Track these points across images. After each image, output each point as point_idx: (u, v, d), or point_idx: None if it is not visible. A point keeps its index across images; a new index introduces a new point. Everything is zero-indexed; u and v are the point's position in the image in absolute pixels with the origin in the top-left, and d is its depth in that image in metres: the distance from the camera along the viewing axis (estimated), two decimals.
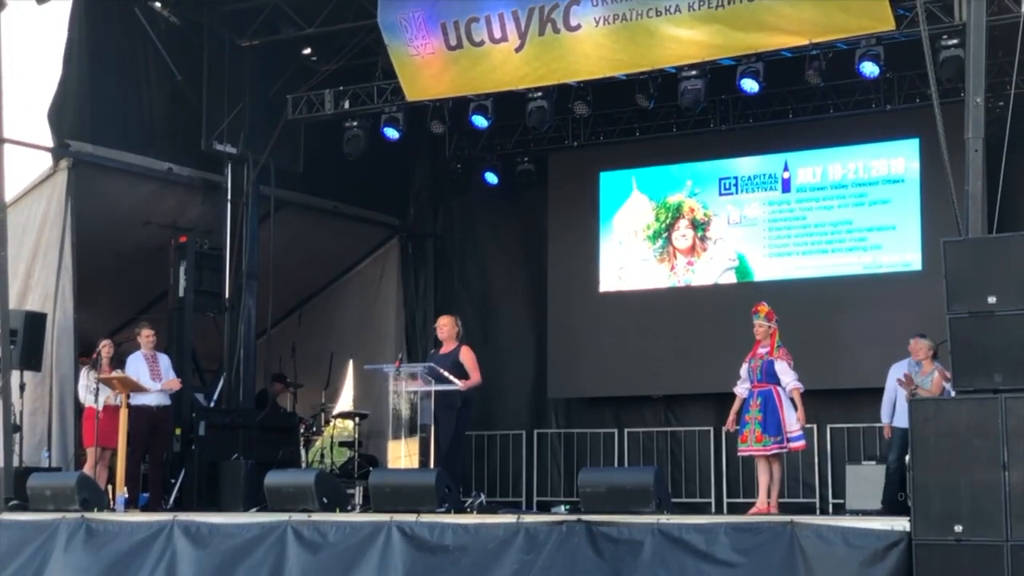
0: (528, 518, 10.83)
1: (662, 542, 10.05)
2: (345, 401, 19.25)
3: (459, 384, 12.32)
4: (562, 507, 14.44)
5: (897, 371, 13.77)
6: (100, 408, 13.67)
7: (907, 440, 13.28)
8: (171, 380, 14.28)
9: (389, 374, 12.52)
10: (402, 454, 12.41)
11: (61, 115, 15.03)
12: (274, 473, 12.54)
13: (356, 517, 11.58)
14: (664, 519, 10.24)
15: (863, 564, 9.44)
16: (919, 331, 13.65)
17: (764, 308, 12.56)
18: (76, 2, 15.08)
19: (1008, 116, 11.02)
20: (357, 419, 17.40)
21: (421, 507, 11.17)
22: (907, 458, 13.19)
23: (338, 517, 11.53)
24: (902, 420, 13.64)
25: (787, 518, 9.94)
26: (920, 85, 15.23)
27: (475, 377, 12.67)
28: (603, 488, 10.88)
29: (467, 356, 12.71)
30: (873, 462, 14.53)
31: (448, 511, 11.20)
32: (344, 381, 19.27)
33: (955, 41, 13.01)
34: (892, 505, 13.58)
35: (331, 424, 18.41)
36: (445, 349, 12.86)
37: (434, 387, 12.26)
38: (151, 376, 14.17)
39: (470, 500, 12.31)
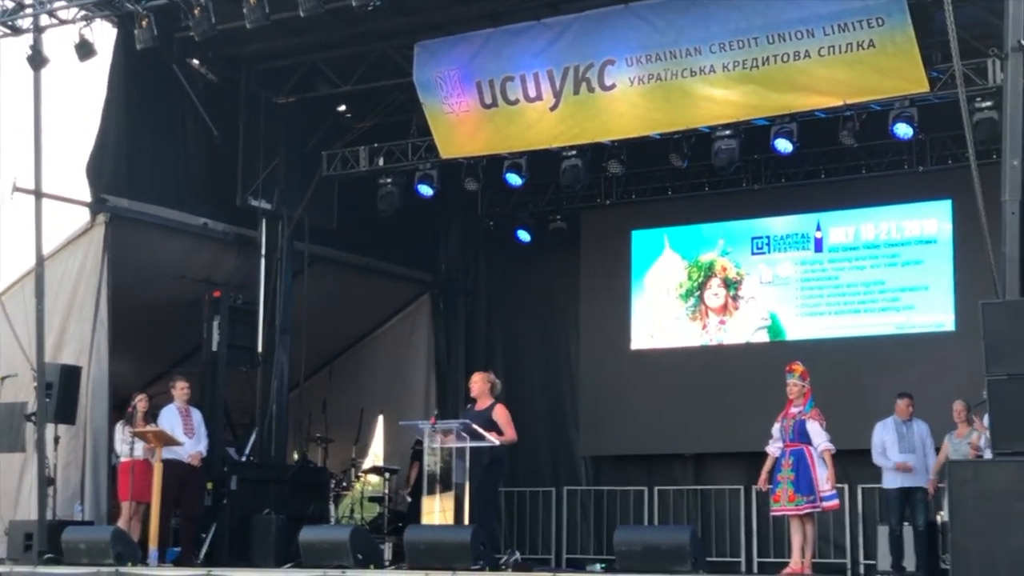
0: None
1: None
2: (375, 456, 19.25)
3: (495, 440, 12.31)
4: (597, 565, 14.42)
5: (883, 430, 13.84)
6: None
7: (904, 502, 13.52)
8: (194, 454, 14.22)
9: (424, 431, 12.53)
10: (436, 509, 12.38)
11: (99, 170, 15.17)
12: (308, 529, 12.55)
13: (391, 574, 11.58)
14: None
15: None
16: (951, 392, 13.65)
17: (799, 368, 12.55)
18: (116, 59, 15.23)
19: None
20: (387, 475, 17.41)
21: (456, 564, 11.15)
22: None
23: (373, 573, 11.52)
24: (895, 480, 13.65)
25: None
26: (952, 147, 15.29)
27: (509, 434, 12.66)
28: (639, 547, 10.88)
29: (501, 413, 12.70)
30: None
31: (483, 568, 11.18)
32: (373, 436, 19.28)
33: (989, 103, 13.08)
34: (897, 571, 13.59)
35: (360, 479, 18.42)
36: (480, 406, 12.86)
37: (469, 443, 12.26)
38: (184, 430, 14.18)
39: (505, 557, 12.29)
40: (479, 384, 13.07)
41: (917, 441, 13.68)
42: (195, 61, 16.13)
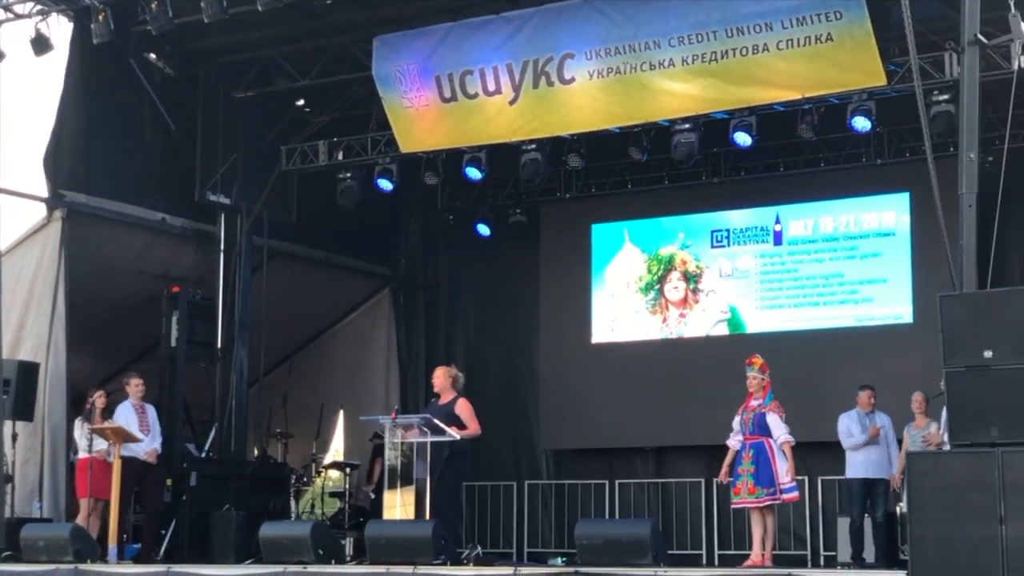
0: (525, 570, 10.84)
1: None
2: (335, 451, 19.22)
3: (455, 434, 12.30)
4: (558, 559, 14.43)
5: (846, 420, 13.91)
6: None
7: (867, 493, 13.60)
8: (150, 451, 14.16)
9: (385, 425, 12.51)
10: (397, 504, 12.36)
11: (56, 165, 15.07)
12: (269, 524, 12.51)
13: (352, 568, 11.56)
14: (662, 572, 10.24)
15: None
16: (910, 384, 13.74)
17: (758, 360, 12.61)
18: (72, 53, 15.14)
19: (1001, 172, 11.08)
20: (348, 469, 17.38)
21: (418, 559, 11.14)
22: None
23: (334, 568, 11.49)
24: (857, 471, 13.73)
25: (785, 571, 9.99)
26: (910, 140, 15.38)
27: (472, 428, 12.66)
28: (600, 540, 10.88)
29: (463, 407, 12.70)
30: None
31: (444, 563, 11.17)
32: (334, 431, 19.25)
33: (946, 96, 13.20)
34: (857, 563, 13.67)
35: (321, 475, 18.38)
36: (442, 400, 12.86)
37: (430, 438, 12.24)
38: (139, 427, 14.10)
39: (466, 552, 12.27)
40: (441, 379, 13.07)
41: (880, 433, 13.76)
42: (152, 55, 16.03)
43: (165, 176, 16.17)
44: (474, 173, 15.82)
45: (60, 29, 14.87)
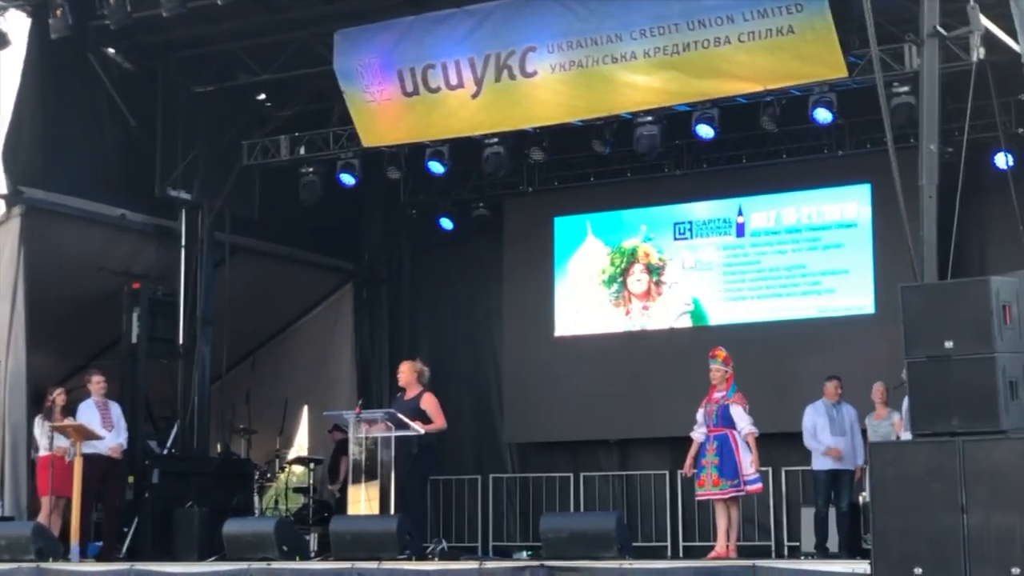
0: (490, 564, 10.84)
1: None
2: (299, 447, 19.16)
3: (420, 429, 12.29)
4: (524, 553, 14.42)
5: (814, 412, 13.94)
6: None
7: (832, 483, 13.67)
8: (115, 446, 14.09)
9: (349, 420, 12.48)
10: (362, 499, 12.34)
11: (14, 161, 14.95)
12: (233, 521, 12.49)
13: (317, 565, 11.53)
14: (627, 564, 10.26)
15: None
16: (872, 374, 13.79)
17: (721, 353, 12.64)
18: (30, 48, 15.04)
19: (961, 163, 11.14)
20: (311, 465, 17.33)
21: (383, 554, 11.12)
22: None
23: (299, 565, 11.46)
24: (824, 462, 13.79)
25: (749, 562, 10.00)
26: (871, 131, 15.41)
27: (439, 422, 12.66)
28: (565, 534, 10.90)
29: (429, 402, 12.70)
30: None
31: (409, 558, 11.16)
32: (298, 427, 19.19)
33: (906, 88, 13.27)
34: (821, 552, 13.73)
35: (285, 470, 18.33)
36: (408, 395, 12.85)
37: (395, 433, 12.22)
38: (103, 424, 14.04)
39: (431, 547, 12.27)
40: (407, 373, 13.08)
41: (847, 424, 13.81)
42: (111, 50, 15.89)
43: (125, 172, 16.07)
44: (437, 167, 15.81)
45: (18, 24, 14.82)
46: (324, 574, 11.10)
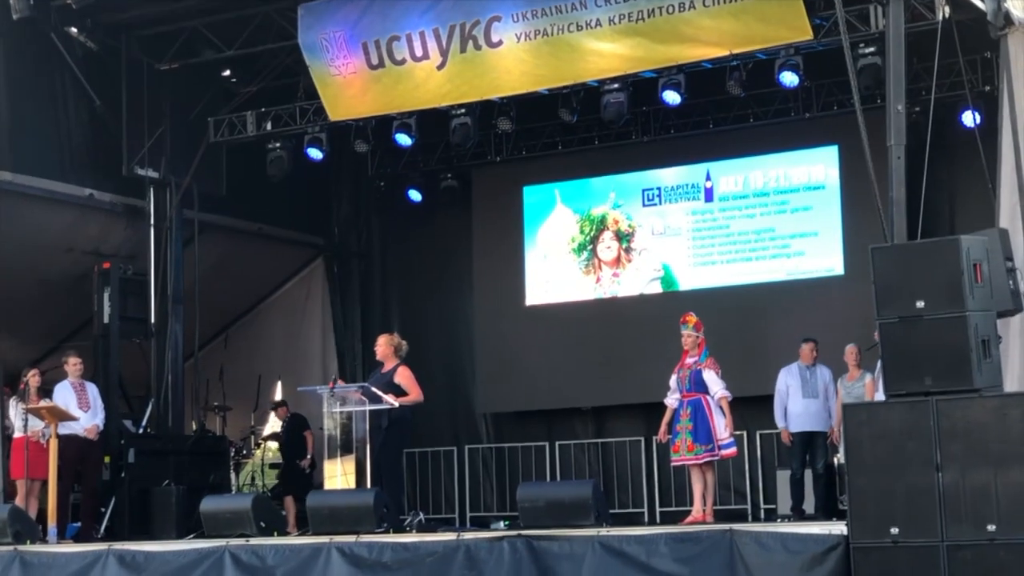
0: (468, 535, 10.85)
1: (603, 555, 10.11)
2: (274, 423, 19.12)
3: (393, 402, 12.30)
4: (501, 523, 14.46)
5: (786, 375, 14.03)
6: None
7: (806, 446, 13.77)
8: (91, 427, 14.07)
9: (323, 395, 12.49)
10: (338, 473, 12.36)
11: None
12: (210, 499, 12.48)
13: (295, 540, 11.54)
14: (604, 531, 10.30)
15: (802, 569, 9.56)
16: (843, 335, 13.86)
17: (692, 318, 12.66)
18: None
19: (928, 122, 11.19)
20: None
21: (360, 528, 11.14)
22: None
23: (276, 540, 11.47)
24: (797, 424, 13.87)
25: (726, 526, 10.03)
26: (837, 93, 15.45)
27: (414, 394, 12.68)
28: (542, 503, 10.93)
29: (403, 375, 12.71)
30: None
31: (387, 531, 11.18)
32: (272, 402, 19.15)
33: (872, 49, 13.26)
34: (797, 514, 13.83)
35: (261, 447, 18.32)
36: (385, 368, 12.87)
37: (368, 407, 12.23)
38: (79, 405, 14.02)
39: (408, 519, 12.30)
40: (383, 347, 13.11)
41: (820, 386, 13.87)
42: (73, 29, 15.75)
43: (91, 151, 15.95)
44: (404, 139, 15.79)
45: None
46: (301, 548, 11.10)
